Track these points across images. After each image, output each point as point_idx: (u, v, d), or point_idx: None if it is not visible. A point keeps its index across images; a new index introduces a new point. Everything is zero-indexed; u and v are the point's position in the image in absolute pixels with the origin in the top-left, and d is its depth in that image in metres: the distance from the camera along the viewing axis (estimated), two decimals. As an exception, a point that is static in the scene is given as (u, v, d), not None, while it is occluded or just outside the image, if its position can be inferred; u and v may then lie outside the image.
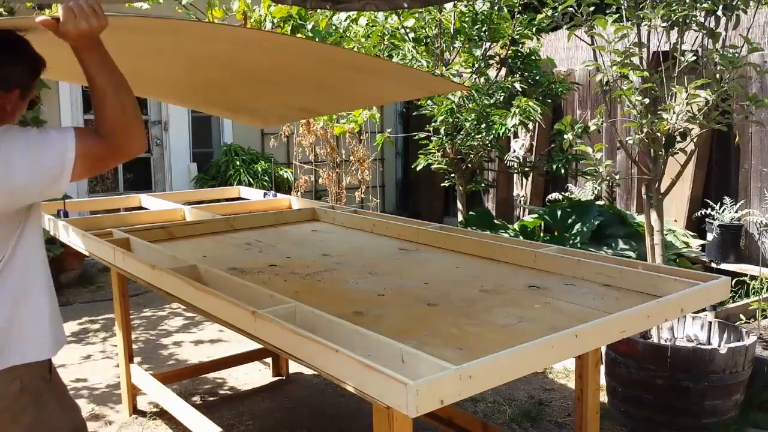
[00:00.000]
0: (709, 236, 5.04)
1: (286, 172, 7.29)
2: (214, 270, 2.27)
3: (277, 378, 3.98)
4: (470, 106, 4.64)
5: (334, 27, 5.22)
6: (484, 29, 4.87)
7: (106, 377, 4.03)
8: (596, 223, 4.59)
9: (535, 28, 4.94)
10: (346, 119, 5.46)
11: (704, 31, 3.32)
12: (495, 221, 5.08)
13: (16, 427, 1.79)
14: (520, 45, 5.09)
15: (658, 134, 3.40)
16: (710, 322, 3.48)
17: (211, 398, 3.75)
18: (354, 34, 5.06)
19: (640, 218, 4.63)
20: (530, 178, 6.21)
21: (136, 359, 4.13)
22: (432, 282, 2.35)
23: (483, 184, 5.66)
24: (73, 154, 1.60)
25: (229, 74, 2.55)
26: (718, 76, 3.26)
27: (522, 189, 6.44)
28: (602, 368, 3.25)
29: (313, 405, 3.63)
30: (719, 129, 3.40)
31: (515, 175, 6.25)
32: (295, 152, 6.70)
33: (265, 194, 4.24)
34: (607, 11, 3.63)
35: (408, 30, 4.95)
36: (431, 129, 5.07)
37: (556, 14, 3.63)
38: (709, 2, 3.22)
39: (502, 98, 4.81)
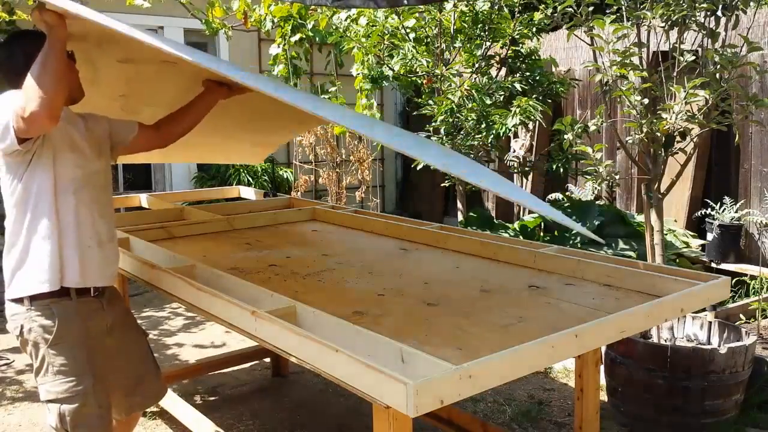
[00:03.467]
0: (709, 236, 5.04)
1: (286, 172, 7.29)
2: (214, 270, 2.27)
3: (277, 378, 3.98)
4: (470, 105, 4.64)
5: (334, 27, 5.22)
6: (484, 29, 4.87)
7: (106, 377, 4.02)
8: (596, 223, 4.60)
9: (535, 28, 4.93)
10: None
11: (704, 32, 3.31)
12: (495, 221, 5.08)
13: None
14: (520, 45, 5.09)
15: (658, 134, 3.40)
16: (710, 322, 3.48)
17: (211, 398, 3.75)
18: (354, 34, 5.06)
19: (640, 218, 4.63)
20: (530, 178, 6.22)
21: (136, 359, 4.13)
22: (432, 282, 2.35)
23: (483, 184, 5.65)
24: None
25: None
26: (717, 75, 3.25)
27: (522, 189, 6.44)
28: (602, 368, 3.25)
29: (313, 405, 3.63)
30: (719, 129, 3.40)
31: (515, 174, 6.26)
32: (295, 152, 6.71)
33: (265, 194, 4.24)
34: (607, 11, 3.63)
35: (408, 30, 4.95)
36: (431, 129, 5.07)
37: (556, 14, 3.63)
38: (709, 2, 3.21)
39: (502, 98, 4.80)
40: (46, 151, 2.06)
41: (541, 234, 4.91)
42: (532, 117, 4.56)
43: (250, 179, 6.94)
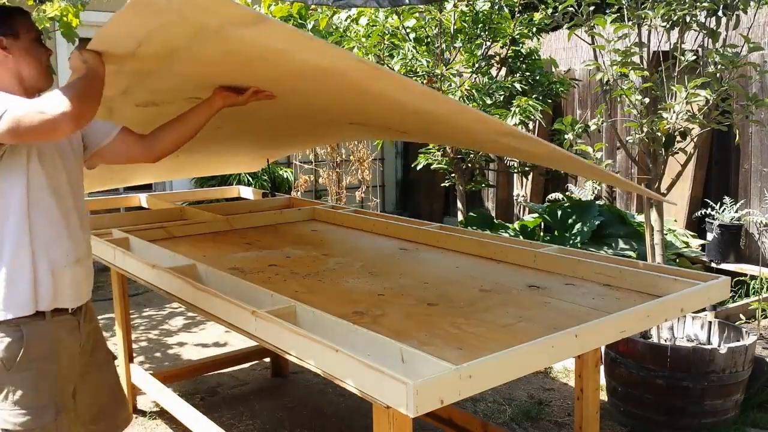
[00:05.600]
0: (709, 236, 5.04)
1: (286, 172, 7.29)
2: (214, 270, 2.27)
3: (277, 378, 3.98)
4: (470, 105, 4.64)
5: (334, 27, 5.21)
6: (485, 29, 4.87)
7: (106, 377, 4.02)
8: (596, 222, 4.59)
9: (535, 28, 4.94)
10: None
11: (704, 31, 3.31)
12: (495, 221, 5.08)
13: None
14: (521, 45, 5.09)
15: (658, 134, 3.40)
16: (710, 322, 3.48)
17: (211, 398, 3.75)
18: (354, 34, 5.06)
19: (640, 218, 4.63)
20: (530, 178, 6.22)
21: (138, 359, 4.14)
22: (432, 282, 2.35)
23: (483, 184, 5.66)
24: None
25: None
26: (718, 75, 3.25)
27: (522, 189, 6.45)
28: (602, 368, 3.25)
29: (313, 404, 3.63)
30: (719, 129, 3.40)
31: (515, 174, 6.26)
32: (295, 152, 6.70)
33: (264, 194, 4.23)
34: (608, 11, 3.63)
35: (408, 30, 4.95)
36: (431, 129, 5.06)
37: (556, 14, 3.63)
38: (710, 2, 3.22)
39: (502, 98, 4.80)
40: (19, 150, 1.81)
41: (541, 234, 4.91)
42: (532, 117, 4.56)
43: (250, 179, 6.94)
